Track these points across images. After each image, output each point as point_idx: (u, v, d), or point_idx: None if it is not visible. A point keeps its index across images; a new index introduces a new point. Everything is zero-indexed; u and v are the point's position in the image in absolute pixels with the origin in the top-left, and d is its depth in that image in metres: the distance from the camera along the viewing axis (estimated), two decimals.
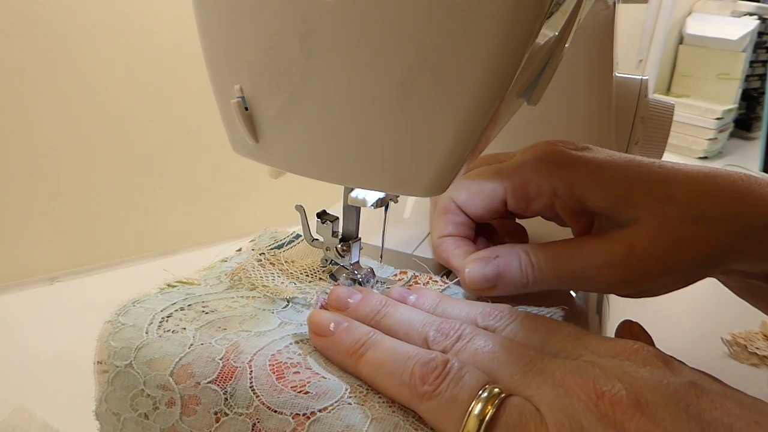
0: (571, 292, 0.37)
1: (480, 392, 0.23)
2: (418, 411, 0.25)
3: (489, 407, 0.23)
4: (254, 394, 0.25)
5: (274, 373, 0.26)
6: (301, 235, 0.38)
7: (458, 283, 0.35)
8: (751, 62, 1.17)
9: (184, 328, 0.29)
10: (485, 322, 0.29)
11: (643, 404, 0.21)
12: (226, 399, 0.26)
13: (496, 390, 0.23)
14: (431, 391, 0.24)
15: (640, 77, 0.50)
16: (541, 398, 0.23)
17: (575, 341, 0.26)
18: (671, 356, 0.25)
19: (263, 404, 0.25)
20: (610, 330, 0.32)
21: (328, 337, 0.28)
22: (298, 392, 0.25)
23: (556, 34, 0.26)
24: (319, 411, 0.25)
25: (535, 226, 0.40)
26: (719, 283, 0.38)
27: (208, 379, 0.26)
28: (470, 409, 0.23)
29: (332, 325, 0.28)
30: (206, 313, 0.30)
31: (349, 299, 0.31)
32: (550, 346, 0.27)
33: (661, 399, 0.22)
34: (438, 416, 0.24)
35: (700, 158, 1.11)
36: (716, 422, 0.21)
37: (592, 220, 0.34)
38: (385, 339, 0.27)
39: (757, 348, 0.49)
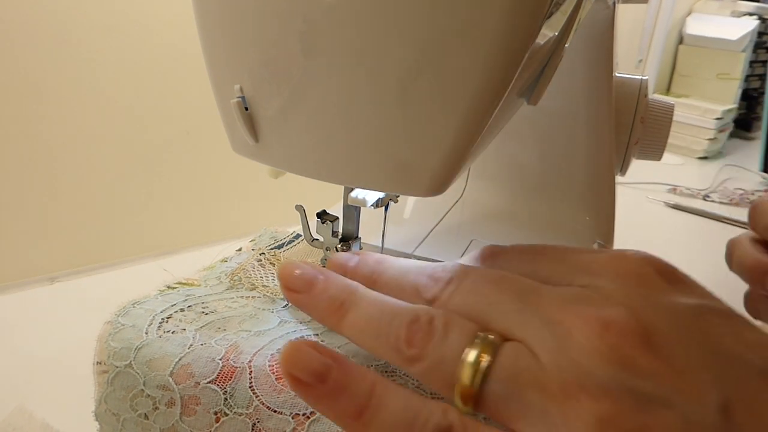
0: None
1: (475, 339, 0.21)
2: (409, 373, 0.23)
3: (483, 356, 0.20)
4: (254, 394, 0.25)
5: (273, 373, 0.26)
6: (301, 235, 0.38)
7: None
8: (751, 62, 1.17)
9: (184, 329, 0.29)
10: (472, 261, 0.27)
11: (653, 336, 0.19)
12: (225, 399, 0.26)
13: (490, 337, 0.21)
14: (418, 353, 0.22)
15: (640, 77, 0.50)
16: (539, 340, 0.20)
17: (565, 263, 0.24)
18: (674, 267, 0.23)
19: (263, 404, 0.25)
20: None
21: (303, 293, 0.25)
22: None
23: (556, 34, 0.26)
24: None
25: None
26: (719, 283, 0.38)
27: (208, 379, 0.26)
28: (462, 359, 0.21)
29: (307, 276, 0.25)
30: (206, 314, 0.30)
31: (347, 263, 0.28)
32: (540, 273, 0.24)
33: (673, 329, 0.19)
34: (428, 378, 0.22)
35: (700, 158, 1.11)
36: (730, 353, 0.19)
37: None
38: (367, 294, 0.24)
39: None
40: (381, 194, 0.32)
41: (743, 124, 1.24)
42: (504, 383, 0.20)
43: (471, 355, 0.21)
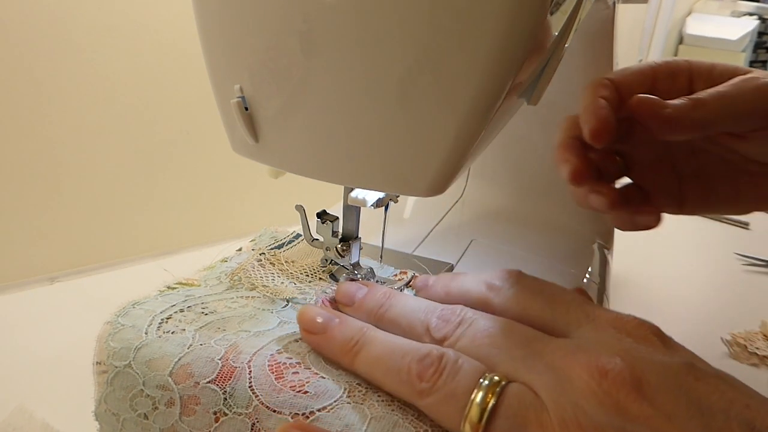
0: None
1: (481, 380, 0.23)
2: (419, 406, 0.25)
3: (490, 396, 0.23)
4: (253, 393, 0.25)
5: (273, 372, 0.26)
6: (301, 235, 0.38)
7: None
8: (751, 62, 1.17)
9: (184, 329, 0.29)
10: (488, 290, 0.29)
11: (645, 385, 0.21)
12: (225, 399, 0.26)
13: (496, 378, 0.23)
14: (429, 387, 0.24)
15: None
16: (542, 383, 0.23)
17: (578, 307, 0.26)
18: (668, 335, 0.25)
19: (262, 404, 0.25)
20: None
21: (320, 334, 0.28)
22: (297, 392, 0.25)
23: (556, 34, 0.26)
24: (318, 410, 0.25)
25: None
26: (719, 283, 0.38)
27: (208, 379, 0.26)
28: (472, 398, 0.23)
29: (323, 320, 0.28)
30: (206, 314, 0.30)
31: (356, 294, 0.30)
32: (552, 310, 0.26)
33: (663, 381, 0.21)
34: (438, 411, 0.24)
35: None
36: (714, 407, 0.21)
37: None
38: (378, 334, 0.27)
39: (757, 348, 0.49)
40: (381, 194, 0.32)
41: None
42: (509, 420, 0.22)
43: (479, 395, 0.23)
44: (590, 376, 0.22)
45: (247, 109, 0.26)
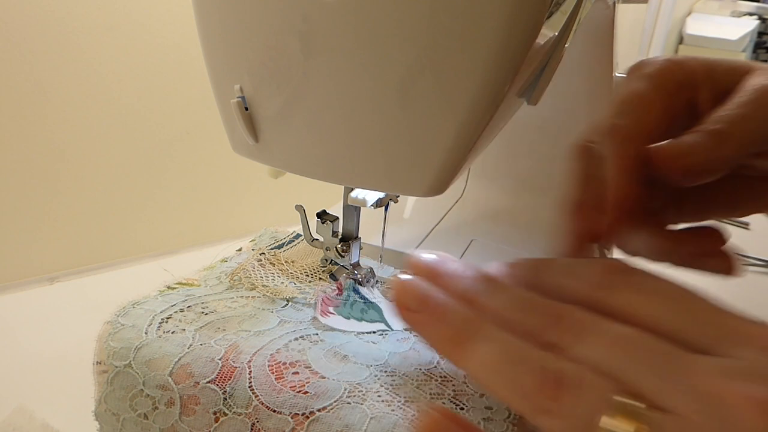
0: None
1: (616, 403, 0.19)
2: (538, 425, 0.21)
3: (628, 424, 0.19)
4: (253, 393, 0.25)
5: (273, 373, 0.26)
6: (301, 235, 0.38)
7: None
8: None
9: (184, 329, 0.29)
10: (594, 290, 0.24)
11: None
12: (225, 399, 0.26)
13: (635, 403, 0.19)
14: (552, 405, 0.20)
15: None
16: (691, 412, 0.19)
17: (721, 319, 0.22)
18: None
19: (262, 404, 0.25)
20: None
21: (422, 313, 0.23)
22: (297, 392, 0.25)
23: (556, 34, 0.26)
24: (318, 410, 0.25)
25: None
26: (719, 283, 0.38)
27: (208, 379, 0.26)
28: (606, 426, 0.19)
29: (426, 296, 0.23)
30: (206, 314, 0.30)
31: (443, 267, 0.25)
32: (689, 321, 0.22)
33: None
34: None
35: None
36: None
37: None
38: (495, 333, 0.23)
39: None
40: (381, 194, 0.32)
41: None
42: None
43: (615, 423, 0.19)
44: (756, 412, 0.18)
45: (247, 109, 0.26)
